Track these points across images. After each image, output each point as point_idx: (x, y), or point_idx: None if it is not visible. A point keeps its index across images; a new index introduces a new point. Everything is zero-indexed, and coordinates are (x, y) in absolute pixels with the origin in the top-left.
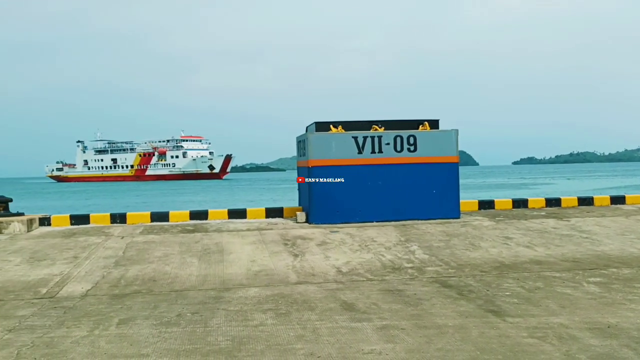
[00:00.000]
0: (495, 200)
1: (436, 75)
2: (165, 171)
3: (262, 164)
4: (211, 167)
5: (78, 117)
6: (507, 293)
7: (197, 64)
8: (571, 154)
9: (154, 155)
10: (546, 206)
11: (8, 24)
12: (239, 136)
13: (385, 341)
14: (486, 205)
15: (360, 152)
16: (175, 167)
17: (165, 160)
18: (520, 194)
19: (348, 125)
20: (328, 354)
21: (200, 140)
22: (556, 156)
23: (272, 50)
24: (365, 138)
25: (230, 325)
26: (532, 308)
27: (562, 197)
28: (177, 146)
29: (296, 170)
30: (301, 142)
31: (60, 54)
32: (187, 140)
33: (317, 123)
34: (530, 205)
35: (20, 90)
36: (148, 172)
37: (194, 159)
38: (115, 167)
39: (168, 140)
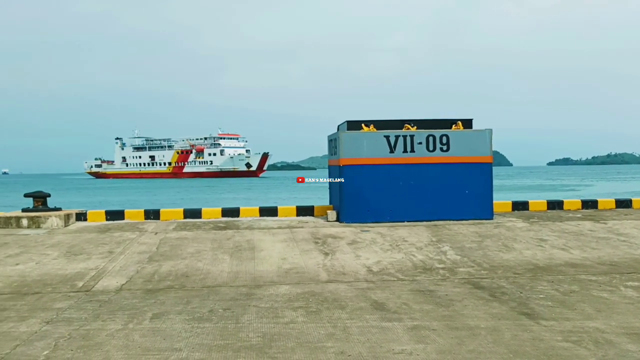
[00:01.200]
0: (530, 201)
1: (469, 74)
2: (202, 168)
3: (294, 162)
4: (248, 165)
5: (115, 115)
6: (541, 296)
7: (228, 63)
8: (609, 155)
9: (191, 152)
10: (582, 208)
11: (45, 26)
12: (270, 134)
13: (416, 341)
14: (520, 206)
15: (392, 152)
16: (213, 164)
17: (202, 157)
18: (554, 196)
19: (380, 124)
20: (358, 353)
21: (237, 138)
22: (593, 157)
23: (305, 49)
24: (397, 137)
25: (261, 322)
26: (567, 311)
27: (598, 199)
28: (214, 144)
29: (327, 169)
30: (333, 141)
31: (94, 54)
32: (224, 138)
33: (348, 122)
34: (565, 207)
35: (59, 90)
36: (186, 170)
37: (231, 157)
38: (153, 164)
39: (206, 138)
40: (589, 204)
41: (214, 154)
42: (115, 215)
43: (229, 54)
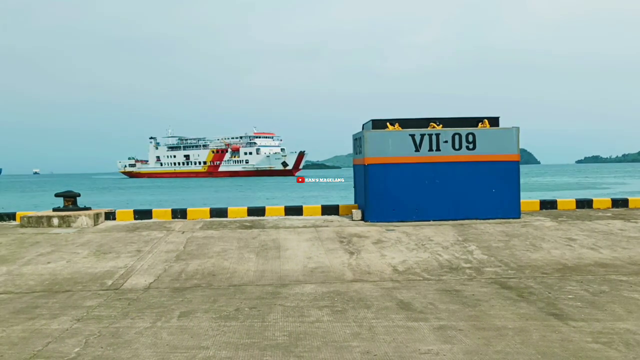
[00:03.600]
0: (558, 200)
1: (496, 73)
2: (238, 167)
3: (318, 161)
4: (284, 164)
5: (148, 116)
6: (570, 296)
7: (252, 64)
8: None
9: (227, 151)
10: (612, 207)
11: (68, 30)
12: (295, 133)
13: (443, 342)
14: (548, 205)
15: (417, 150)
16: (249, 163)
17: (238, 156)
18: (583, 194)
19: (405, 123)
20: (384, 353)
21: (272, 137)
22: (623, 155)
23: (329, 48)
24: (422, 136)
25: (287, 321)
26: (597, 312)
27: (629, 198)
28: (250, 143)
29: (352, 168)
30: (357, 140)
31: (121, 56)
32: (259, 137)
33: (373, 121)
34: (595, 205)
35: (90, 93)
36: (221, 169)
37: (267, 156)
38: (187, 164)
39: (241, 137)
40: (620, 203)
41: (250, 153)
42: (143, 214)
43: (251, 54)
